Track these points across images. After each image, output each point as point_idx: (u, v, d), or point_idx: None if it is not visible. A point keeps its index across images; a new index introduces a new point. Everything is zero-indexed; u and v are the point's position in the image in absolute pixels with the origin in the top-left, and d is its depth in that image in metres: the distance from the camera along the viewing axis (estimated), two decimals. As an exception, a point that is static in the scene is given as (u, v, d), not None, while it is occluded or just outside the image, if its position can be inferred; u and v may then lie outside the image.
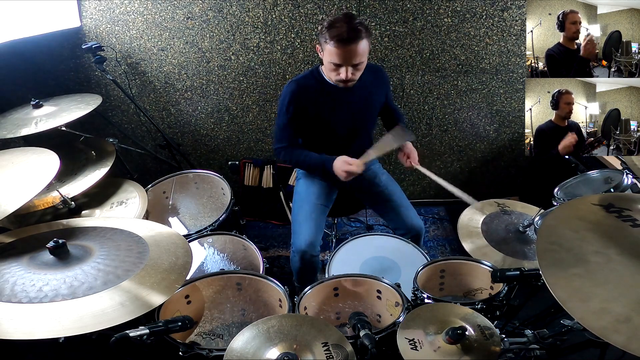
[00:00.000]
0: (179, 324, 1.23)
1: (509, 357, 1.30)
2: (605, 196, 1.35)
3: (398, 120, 2.18)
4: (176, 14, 2.50)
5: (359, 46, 1.69)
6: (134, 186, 2.01)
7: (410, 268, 1.70)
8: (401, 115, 2.22)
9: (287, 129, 1.96)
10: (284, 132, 1.98)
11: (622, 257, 1.05)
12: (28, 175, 1.47)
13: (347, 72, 1.74)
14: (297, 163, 2.05)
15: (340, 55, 1.71)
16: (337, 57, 1.72)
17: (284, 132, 1.98)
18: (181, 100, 2.78)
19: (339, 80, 1.80)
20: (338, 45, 1.68)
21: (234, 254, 1.90)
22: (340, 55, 1.71)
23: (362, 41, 1.70)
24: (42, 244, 1.25)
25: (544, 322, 1.78)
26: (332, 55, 1.72)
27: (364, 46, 1.72)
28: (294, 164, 2.10)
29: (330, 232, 2.57)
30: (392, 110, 2.19)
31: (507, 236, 1.82)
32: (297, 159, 2.01)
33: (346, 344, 1.23)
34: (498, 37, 2.60)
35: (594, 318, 0.93)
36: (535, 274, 1.37)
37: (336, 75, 1.79)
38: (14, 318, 1.04)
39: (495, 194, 2.09)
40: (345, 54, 1.70)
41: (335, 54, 1.71)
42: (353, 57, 1.71)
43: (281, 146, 2.00)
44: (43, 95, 2.10)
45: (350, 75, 1.75)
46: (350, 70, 1.74)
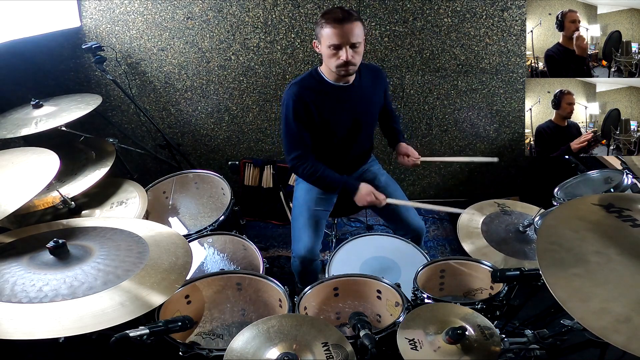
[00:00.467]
0: (179, 324, 1.23)
1: (509, 357, 1.30)
2: (605, 196, 1.35)
3: (394, 123, 2.20)
4: (176, 14, 2.50)
5: (354, 25, 1.72)
6: (134, 186, 2.01)
7: (410, 268, 1.70)
8: (397, 118, 2.24)
9: (300, 135, 1.89)
10: (297, 139, 1.90)
11: (622, 257, 1.05)
12: (28, 175, 1.48)
13: (347, 53, 1.74)
14: (316, 179, 1.94)
15: (338, 34, 1.72)
16: (335, 37, 1.72)
17: (297, 139, 1.90)
18: (181, 100, 2.78)
19: (340, 64, 1.77)
20: (334, 24, 1.71)
21: (234, 254, 1.90)
22: (337, 34, 1.72)
23: (356, 22, 1.73)
24: (42, 244, 1.25)
25: (544, 322, 1.78)
26: (330, 38, 1.73)
27: (359, 29, 1.74)
28: (313, 180, 1.96)
29: (330, 232, 2.57)
30: (389, 112, 2.20)
31: (507, 236, 1.82)
32: (316, 175, 1.92)
33: (346, 344, 1.23)
34: (498, 37, 2.60)
35: (594, 318, 0.93)
36: (535, 274, 1.37)
37: (336, 60, 1.77)
38: (14, 318, 1.04)
39: (495, 194, 2.10)
40: (342, 32, 1.71)
41: (333, 34, 1.72)
42: (350, 35, 1.72)
43: (296, 155, 1.91)
44: (43, 95, 2.10)
45: (350, 57, 1.75)
46: (349, 52, 1.74)
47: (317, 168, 1.92)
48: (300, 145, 1.91)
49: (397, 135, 2.18)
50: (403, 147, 2.13)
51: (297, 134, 1.89)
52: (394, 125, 2.20)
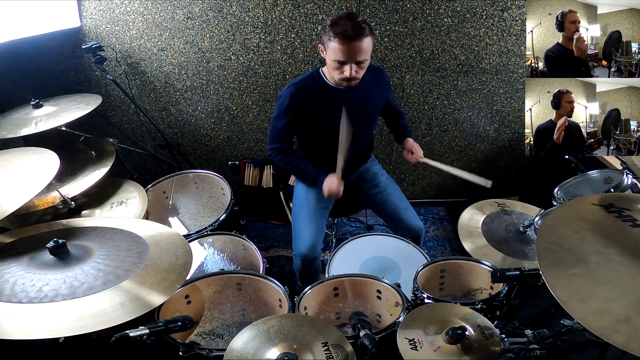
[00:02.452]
0: (179, 324, 1.23)
1: (509, 357, 1.30)
2: (605, 196, 1.35)
3: (400, 119, 2.19)
4: (176, 14, 2.50)
5: (363, 43, 1.69)
6: (134, 186, 2.01)
7: (410, 268, 1.70)
8: (403, 113, 2.22)
9: (284, 131, 1.95)
10: (281, 134, 1.96)
11: (622, 257, 1.05)
12: (28, 175, 1.47)
13: (351, 70, 1.73)
14: (292, 168, 2.04)
15: (345, 52, 1.69)
16: (342, 54, 1.70)
17: (281, 134, 1.96)
18: (181, 100, 2.78)
19: (343, 78, 1.77)
20: (342, 41, 1.67)
21: (234, 254, 1.90)
22: (344, 52, 1.69)
23: (366, 38, 1.69)
24: (42, 244, 1.25)
25: (544, 322, 1.78)
26: (336, 53, 1.71)
27: (368, 43, 1.71)
28: (288, 169, 2.07)
29: (330, 232, 2.57)
30: (394, 110, 2.19)
31: (507, 236, 1.82)
32: (292, 165, 2.01)
33: (346, 344, 1.23)
34: (498, 37, 2.60)
35: (594, 318, 0.93)
36: (535, 274, 1.37)
37: (340, 74, 1.77)
38: (14, 318, 1.04)
39: (495, 194, 2.09)
40: (349, 50, 1.69)
41: (340, 51, 1.69)
42: (357, 54, 1.70)
43: (276, 147, 1.99)
44: (43, 95, 2.10)
45: (354, 73, 1.74)
46: (354, 68, 1.73)
47: (293, 160, 2.02)
48: (282, 140, 1.98)
49: (403, 130, 2.17)
50: (409, 143, 2.11)
51: (282, 130, 1.96)
52: (400, 121, 2.18)
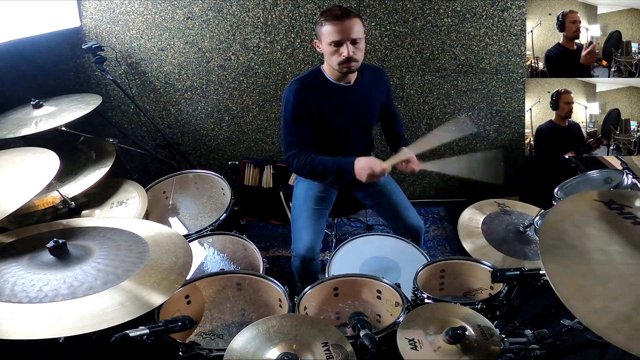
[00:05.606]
0: (179, 324, 1.23)
1: (509, 357, 1.30)
2: (606, 192, 1.35)
3: (397, 128, 2.17)
4: (176, 14, 2.50)
5: (353, 21, 1.73)
6: (134, 186, 2.01)
7: (410, 268, 1.70)
8: (400, 123, 2.21)
9: (297, 134, 1.88)
10: (295, 138, 1.89)
11: (624, 256, 1.05)
12: (28, 175, 1.47)
13: (348, 49, 1.75)
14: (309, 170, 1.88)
15: (338, 30, 1.73)
16: (335, 34, 1.73)
17: (295, 138, 1.89)
18: (181, 100, 2.78)
19: (342, 61, 1.78)
20: (334, 21, 1.72)
21: (234, 254, 1.90)
22: (337, 30, 1.73)
23: (355, 18, 1.75)
24: (42, 244, 1.25)
25: (544, 322, 1.78)
26: (330, 35, 1.74)
27: (359, 25, 1.75)
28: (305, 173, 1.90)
29: (330, 232, 2.56)
30: (392, 116, 2.19)
31: (507, 236, 1.82)
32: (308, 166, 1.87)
33: (346, 344, 1.23)
34: (498, 37, 2.60)
35: (595, 317, 0.93)
36: (535, 274, 1.37)
37: (338, 57, 1.78)
38: (14, 318, 1.04)
39: (495, 194, 2.09)
40: (342, 28, 1.72)
41: (333, 31, 1.73)
42: (350, 31, 1.73)
43: (293, 153, 1.89)
44: (43, 95, 2.10)
45: (352, 52, 1.75)
46: (350, 48, 1.75)
47: (309, 157, 1.87)
48: (299, 144, 1.91)
49: (399, 140, 2.14)
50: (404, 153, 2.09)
51: (296, 133, 1.90)
52: (397, 130, 2.17)
